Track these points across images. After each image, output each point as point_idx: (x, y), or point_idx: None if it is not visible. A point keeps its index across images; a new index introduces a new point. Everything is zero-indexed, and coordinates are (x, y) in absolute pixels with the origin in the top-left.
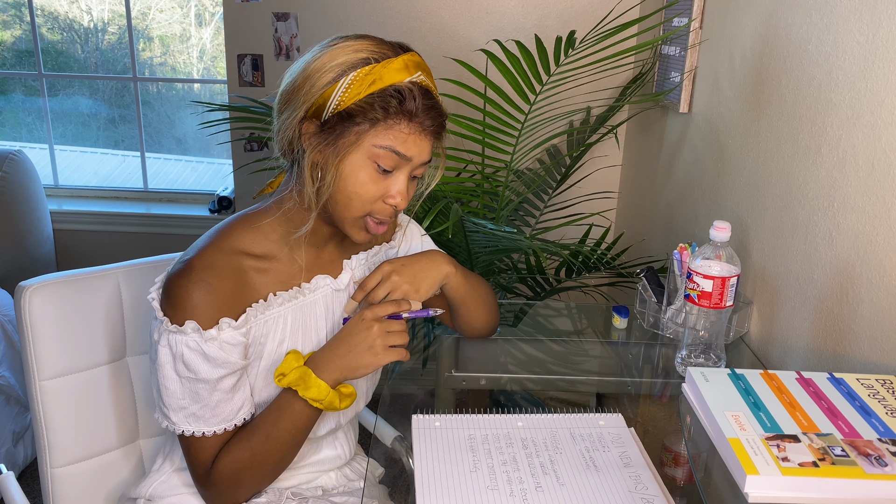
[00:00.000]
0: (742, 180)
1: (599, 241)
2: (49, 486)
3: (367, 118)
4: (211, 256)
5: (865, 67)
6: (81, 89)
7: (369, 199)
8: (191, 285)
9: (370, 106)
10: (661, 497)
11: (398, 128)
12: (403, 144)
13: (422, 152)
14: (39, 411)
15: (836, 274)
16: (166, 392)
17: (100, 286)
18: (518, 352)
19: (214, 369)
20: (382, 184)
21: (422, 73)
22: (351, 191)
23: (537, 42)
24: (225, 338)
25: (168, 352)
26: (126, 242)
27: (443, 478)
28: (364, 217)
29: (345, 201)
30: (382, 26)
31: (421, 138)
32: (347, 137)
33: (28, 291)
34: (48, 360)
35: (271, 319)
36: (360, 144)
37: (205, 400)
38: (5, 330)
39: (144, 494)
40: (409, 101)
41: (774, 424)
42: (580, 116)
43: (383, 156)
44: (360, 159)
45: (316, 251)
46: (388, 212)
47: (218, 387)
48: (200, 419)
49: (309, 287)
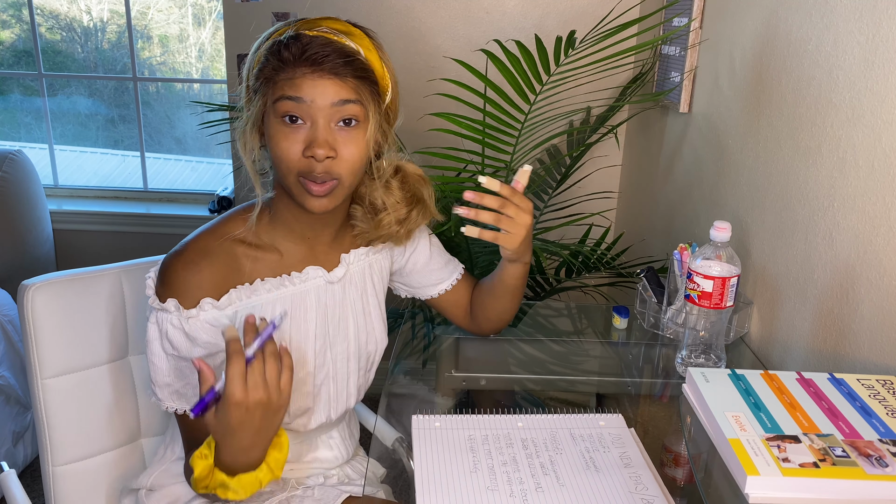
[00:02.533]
0: (742, 180)
1: (599, 241)
2: (51, 484)
3: (262, 81)
4: (205, 240)
5: (865, 67)
6: (80, 89)
7: (291, 157)
8: (180, 266)
9: (260, 69)
10: (661, 498)
11: (285, 75)
12: (293, 88)
13: (323, 91)
14: (41, 409)
15: (836, 274)
16: (154, 368)
17: (102, 285)
18: (518, 352)
19: (195, 348)
20: (297, 137)
21: (322, 26)
22: (275, 155)
23: (537, 42)
24: (206, 318)
25: (156, 328)
26: (126, 242)
27: (443, 478)
28: (299, 179)
29: (278, 169)
30: (382, 26)
31: (315, 78)
32: (259, 106)
33: (31, 290)
34: (50, 359)
35: (259, 306)
36: (267, 109)
37: (188, 378)
38: (5, 330)
39: (146, 484)
40: (290, 47)
41: (775, 425)
42: (580, 116)
43: (282, 107)
44: (272, 121)
45: (308, 244)
46: (315, 167)
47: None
48: (183, 397)
49: (300, 277)
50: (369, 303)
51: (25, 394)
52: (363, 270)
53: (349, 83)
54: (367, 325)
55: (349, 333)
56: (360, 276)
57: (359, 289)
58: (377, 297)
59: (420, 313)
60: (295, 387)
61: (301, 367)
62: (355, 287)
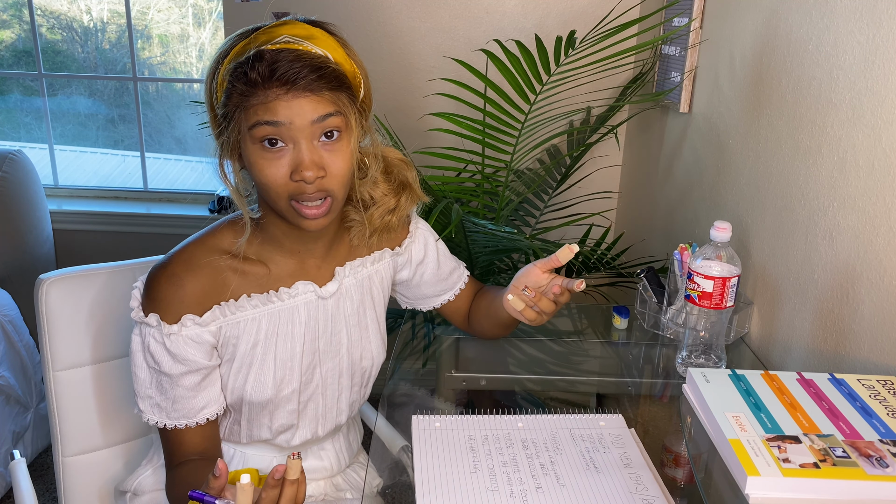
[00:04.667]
0: (742, 180)
1: (599, 241)
2: (61, 475)
3: (234, 108)
4: (191, 252)
5: (866, 67)
6: (80, 89)
7: (279, 183)
8: (163, 279)
9: (228, 97)
10: (661, 498)
11: (257, 100)
12: (268, 112)
13: (300, 111)
14: (53, 401)
15: (836, 274)
16: (136, 380)
17: (116, 281)
18: (518, 352)
19: (176, 364)
20: (281, 162)
21: (283, 35)
22: (259, 182)
23: (537, 42)
24: (188, 334)
25: (139, 340)
26: (126, 242)
27: (443, 478)
28: (291, 203)
29: (266, 194)
30: (382, 26)
31: (289, 99)
32: (234, 134)
33: (46, 284)
34: (63, 352)
35: (243, 321)
36: (243, 135)
37: (167, 392)
38: (5, 330)
39: (130, 488)
40: (251, 72)
41: (775, 425)
42: (580, 116)
43: (259, 133)
44: (250, 147)
45: (298, 259)
46: (305, 189)
47: (179, 382)
48: (163, 410)
49: (288, 293)
50: (367, 316)
51: (25, 394)
52: (361, 282)
53: (325, 96)
54: (363, 339)
55: (342, 349)
56: (357, 288)
57: (355, 302)
58: (376, 310)
59: (420, 313)
60: (277, 404)
61: (287, 384)
62: (351, 300)
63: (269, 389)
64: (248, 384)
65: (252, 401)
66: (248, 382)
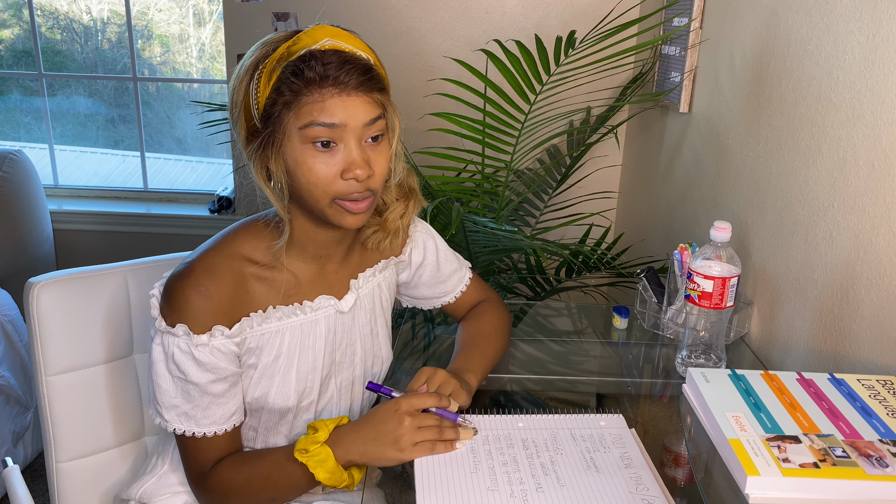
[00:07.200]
0: (742, 180)
1: (599, 241)
2: (55, 481)
3: (282, 106)
4: (212, 260)
5: (865, 67)
6: (80, 89)
7: (328, 182)
8: (188, 288)
9: (279, 93)
10: (661, 498)
11: (311, 99)
12: (324, 112)
13: (354, 113)
14: (46, 406)
15: (836, 274)
16: (159, 389)
17: (108, 284)
18: (518, 352)
19: (204, 373)
20: (332, 161)
21: (325, 38)
22: (306, 181)
23: (537, 42)
24: (216, 345)
25: (161, 350)
26: (126, 242)
27: (443, 478)
28: (335, 202)
29: (308, 194)
30: (382, 26)
31: (343, 98)
32: (278, 133)
33: (37, 287)
34: (55, 356)
35: (268, 333)
36: (290, 134)
37: (196, 401)
38: (5, 330)
39: (135, 496)
40: (308, 71)
41: (775, 425)
42: (580, 116)
43: (312, 133)
44: (298, 147)
45: (318, 265)
46: (355, 187)
47: (208, 390)
48: (192, 419)
49: (311, 306)
50: (377, 323)
51: (25, 394)
52: (372, 292)
53: (374, 98)
54: (374, 346)
55: (356, 359)
56: (369, 298)
57: (368, 312)
58: (385, 315)
59: (420, 313)
60: (296, 413)
61: (306, 396)
62: (364, 311)
63: (290, 401)
64: (271, 395)
65: (272, 409)
66: (271, 394)
